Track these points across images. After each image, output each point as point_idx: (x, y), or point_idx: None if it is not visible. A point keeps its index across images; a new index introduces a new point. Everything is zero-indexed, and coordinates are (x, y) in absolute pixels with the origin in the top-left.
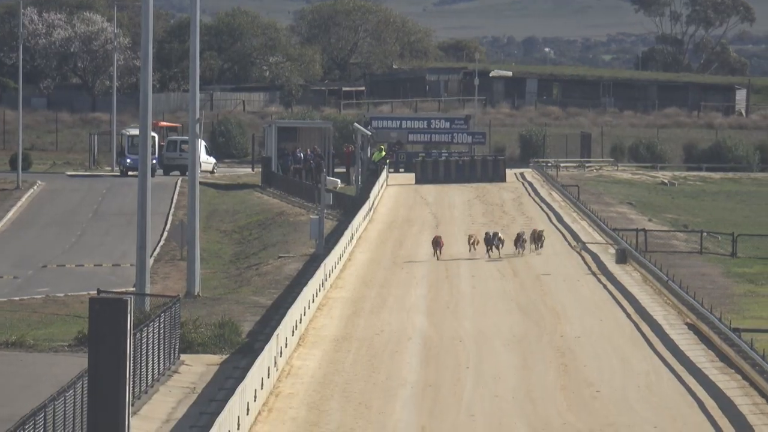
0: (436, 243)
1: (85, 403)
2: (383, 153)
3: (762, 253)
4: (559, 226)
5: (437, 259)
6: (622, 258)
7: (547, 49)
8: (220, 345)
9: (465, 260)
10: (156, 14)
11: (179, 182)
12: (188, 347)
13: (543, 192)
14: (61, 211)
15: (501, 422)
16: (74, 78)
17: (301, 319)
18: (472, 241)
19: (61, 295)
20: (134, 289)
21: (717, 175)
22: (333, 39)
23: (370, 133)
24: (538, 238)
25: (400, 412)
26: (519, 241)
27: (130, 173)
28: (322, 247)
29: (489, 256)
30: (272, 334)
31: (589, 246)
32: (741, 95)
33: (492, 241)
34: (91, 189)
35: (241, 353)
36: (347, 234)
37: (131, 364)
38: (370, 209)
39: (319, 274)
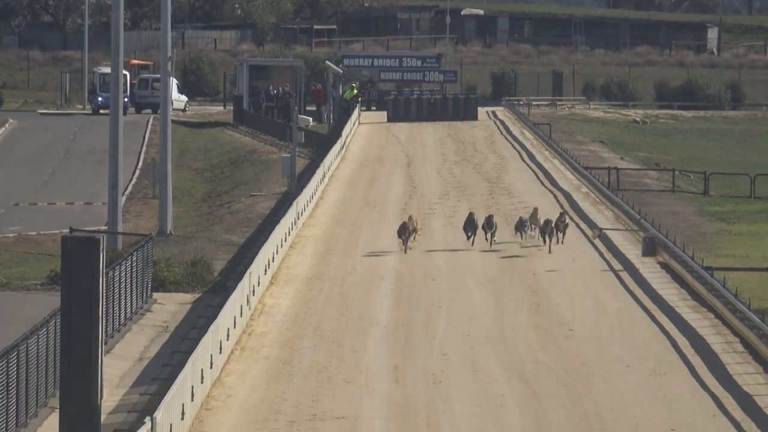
0: (403, 231)
1: (58, 341)
2: (355, 91)
3: (734, 192)
4: (531, 164)
5: (404, 252)
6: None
7: None
8: (193, 283)
9: (438, 199)
10: None
11: (151, 120)
12: (161, 285)
13: (515, 130)
14: (32, 149)
15: (473, 361)
16: (46, 16)
17: (273, 258)
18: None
19: (33, 233)
20: (107, 227)
21: (689, 114)
22: None
23: (341, 72)
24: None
25: (373, 350)
26: (547, 228)
27: (101, 111)
28: (294, 186)
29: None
30: (245, 273)
31: (561, 185)
32: (712, 34)
33: (488, 228)
34: (63, 127)
35: (214, 292)
36: (319, 172)
37: (104, 303)
38: (342, 148)
39: (291, 213)
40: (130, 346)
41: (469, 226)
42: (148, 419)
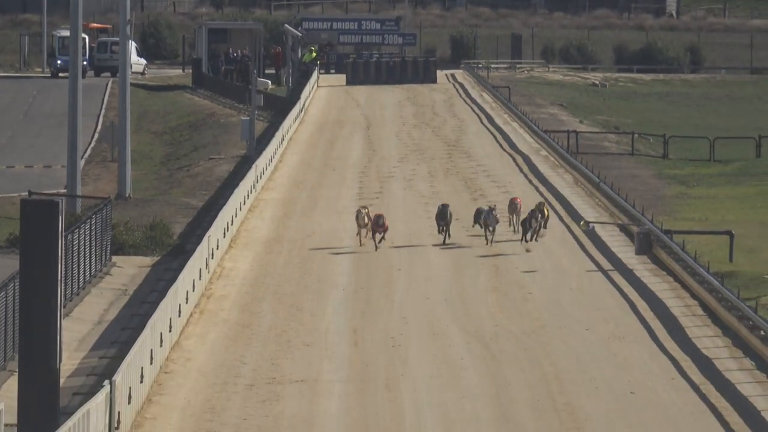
0: (374, 224)
1: (17, 304)
2: (314, 54)
3: (693, 155)
4: (490, 127)
5: (375, 249)
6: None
7: None
8: (152, 247)
9: (397, 162)
10: None
11: (110, 84)
12: (120, 249)
13: (474, 93)
14: None
15: (432, 324)
16: None
17: (232, 221)
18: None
19: None
20: (66, 190)
21: (648, 77)
22: None
23: (300, 35)
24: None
25: (332, 314)
26: (530, 221)
27: (60, 75)
28: (253, 149)
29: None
30: (204, 236)
31: (521, 148)
32: None
33: (481, 218)
34: (22, 90)
35: (173, 255)
36: (278, 135)
37: (63, 266)
38: (301, 111)
39: (250, 176)
40: (89, 309)
41: (441, 218)
42: (107, 382)
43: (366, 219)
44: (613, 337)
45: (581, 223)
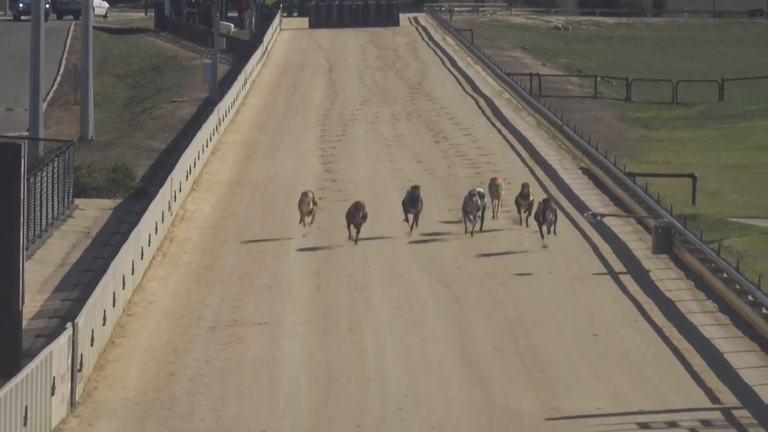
0: (353, 215)
1: None
2: None
3: (656, 98)
4: (453, 70)
5: (355, 243)
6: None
7: None
8: (114, 189)
9: (360, 105)
10: None
11: (72, 27)
12: (82, 191)
13: (437, 36)
14: None
15: (395, 267)
16: None
17: (195, 164)
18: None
19: None
20: (28, 133)
21: (611, 20)
22: None
23: None
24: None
25: (294, 256)
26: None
27: (23, 18)
28: (215, 92)
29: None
30: (166, 179)
31: (483, 91)
32: None
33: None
34: None
35: (135, 198)
36: (241, 78)
37: (25, 209)
38: (264, 54)
39: (212, 119)
40: (52, 251)
41: (411, 204)
42: (69, 325)
43: (310, 205)
44: (575, 279)
45: (587, 214)
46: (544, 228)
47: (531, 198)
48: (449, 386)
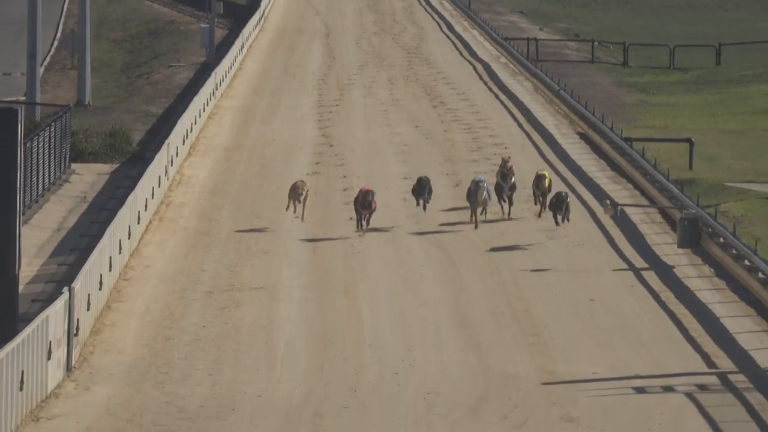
0: (363, 202)
1: None
2: None
3: (653, 63)
4: (450, 35)
5: (362, 232)
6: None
7: None
8: (111, 154)
9: (357, 70)
10: None
11: None
12: (79, 156)
13: (434, 1)
14: None
15: (393, 231)
16: None
17: (191, 129)
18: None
19: None
20: (25, 98)
21: None
22: None
23: None
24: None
25: (290, 220)
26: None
27: None
28: (212, 56)
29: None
30: (163, 143)
31: (481, 56)
32: None
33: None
34: None
35: (132, 162)
36: (238, 43)
37: (22, 174)
38: (261, 18)
39: (209, 83)
40: (49, 216)
41: (420, 191)
42: (66, 289)
43: (303, 194)
44: (572, 244)
45: (605, 203)
46: (558, 217)
47: (548, 185)
48: (445, 351)
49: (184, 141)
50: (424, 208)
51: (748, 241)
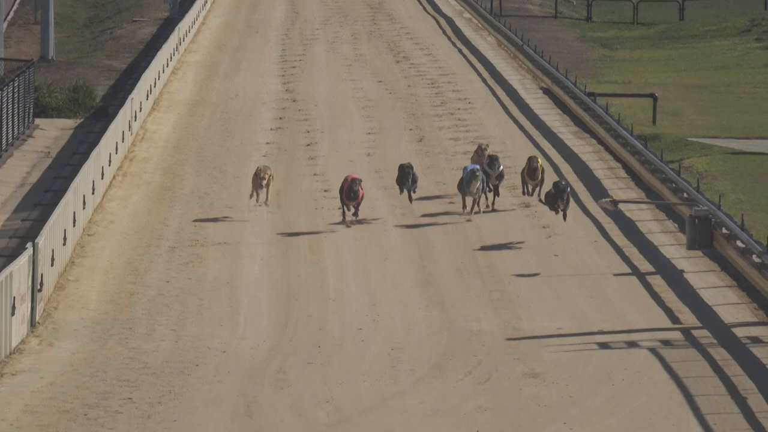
0: (349, 192)
1: None
2: None
3: (617, 18)
4: None
5: (350, 224)
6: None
7: None
8: (75, 109)
9: (320, 25)
10: None
11: None
12: (43, 111)
13: None
14: None
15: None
16: None
17: (155, 84)
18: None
19: None
20: None
21: None
22: None
23: None
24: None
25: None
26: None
27: None
28: (176, 11)
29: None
30: (127, 98)
31: (444, 11)
32: None
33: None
34: None
35: (96, 117)
36: None
37: None
38: None
39: (173, 38)
40: (12, 171)
41: (403, 180)
42: (29, 245)
43: (266, 180)
44: (536, 202)
45: (604, 201)
46: (560, 205)
47: (539, 175)
48: (409, 307)
49: (147, 96)
50: (410, 199)
51: (711, 196)
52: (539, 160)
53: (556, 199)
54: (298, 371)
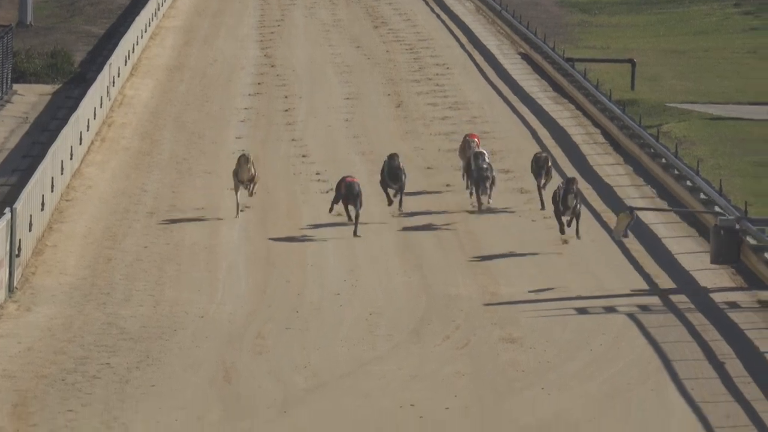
0: (349, 195)
1: None
2: None
3: None
4: None
5: (354, 234)
6: None
7: None
8: (53, 74)
9: None
10: None
11: None
12: (21, 77)
13: None
14: None
15: (334, 150)
16: None
17: (134, 49)
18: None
19: None
20: None
21: None
22: None
23: None
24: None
25: (233, 142)
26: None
27: None
28: None
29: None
30: (105, 64)
31: None
32: None
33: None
34: None
35: (74, 83)
36: None
37: None
38: None
39: (151, 3)
40: None
41: (391, 178)
42: (7, 210)
43: (251, 172)
44: (515, 168)
45: (623, 213)
46: (565, 218)
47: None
48: (387, 272)
49: (126, 61)
50: (400, 204)
51: (689, 161)
52: (547, 158)
53: (557, 202)
54: (276, 336)
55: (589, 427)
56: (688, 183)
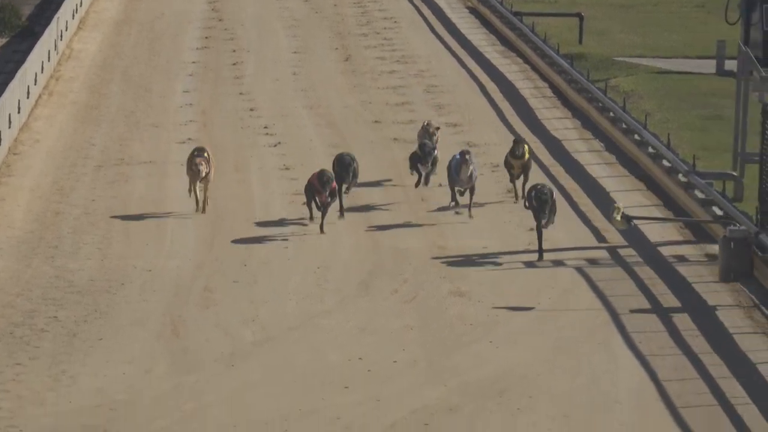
0: (322, 188)
1: None
2: None
3: None
4: None
5: (321, 231)
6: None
7: None
8: (0, 29)
9: None
10: None
11: None
12: None
13: None
14: None
15: (282, 105)
16: None
17: (81, 3)
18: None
19: None
20: None
21: None
22: None
23: None
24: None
25: (181, 96)
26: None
27: None
28: None
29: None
30: (52, 18)
31: None
32: None
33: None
34: None
35: (21, 37)
36: None
37: None
38: None
39: None
40: None
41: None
42: None
43: (205, 168)
44: (463, 122)
45: (614, 214)
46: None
47: (526, 158)
48: (337, 225)
49: (73, 15)
50: (341, 213)
51: (637, 115)
52: (525, 145)
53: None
54: (224, 290)
55: (538, 381)
56: (636, 137)
